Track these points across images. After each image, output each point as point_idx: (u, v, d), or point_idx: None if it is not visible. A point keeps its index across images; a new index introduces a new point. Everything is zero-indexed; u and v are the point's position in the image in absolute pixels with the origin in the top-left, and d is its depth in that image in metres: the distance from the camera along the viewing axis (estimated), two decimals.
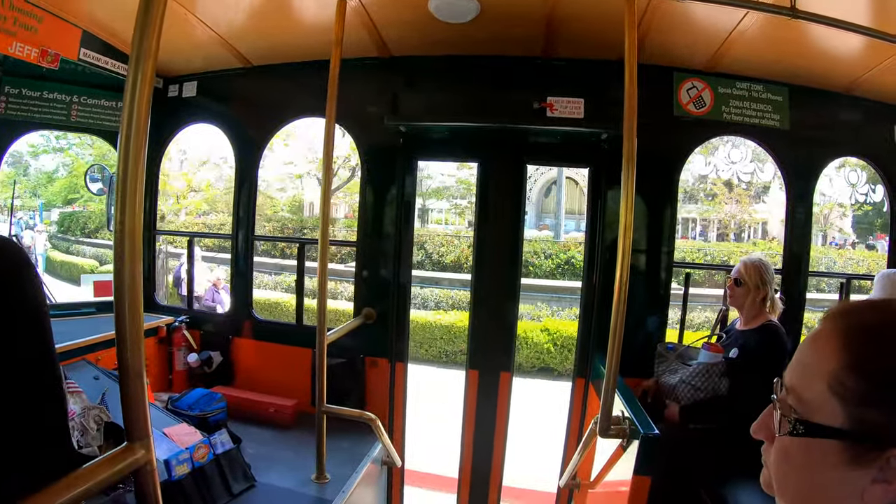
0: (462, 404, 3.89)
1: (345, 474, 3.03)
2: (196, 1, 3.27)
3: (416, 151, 3.83)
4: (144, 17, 1.25)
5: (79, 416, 2.62)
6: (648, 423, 2.46)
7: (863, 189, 12.21)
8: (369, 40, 3.49)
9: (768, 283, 3.13)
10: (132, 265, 1.23)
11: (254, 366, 4.05)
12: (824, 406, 0.71)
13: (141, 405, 1.27)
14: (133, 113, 1.23)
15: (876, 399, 0.67)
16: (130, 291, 1.23)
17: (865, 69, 3.38)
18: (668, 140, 3.59)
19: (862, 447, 0.68)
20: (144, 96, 1.24)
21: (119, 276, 1.23)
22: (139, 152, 1.23)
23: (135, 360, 1.25)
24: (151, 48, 1.25)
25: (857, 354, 0.70)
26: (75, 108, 4.12)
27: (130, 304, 1.23)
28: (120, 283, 1.23)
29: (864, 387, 0.68)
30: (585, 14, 3.10)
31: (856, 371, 0.69)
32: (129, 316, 1.23)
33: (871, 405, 0.68)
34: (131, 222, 1.23)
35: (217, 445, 2.79)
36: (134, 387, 1.26)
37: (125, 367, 1.25)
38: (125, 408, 1.26)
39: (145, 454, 1.27)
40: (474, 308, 3.87)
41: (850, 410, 0.69)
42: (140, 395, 1.27)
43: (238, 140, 4.15)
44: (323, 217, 2.78)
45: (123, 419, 1.27)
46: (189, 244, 4.56)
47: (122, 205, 1.22)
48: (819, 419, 0.72)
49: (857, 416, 0.68)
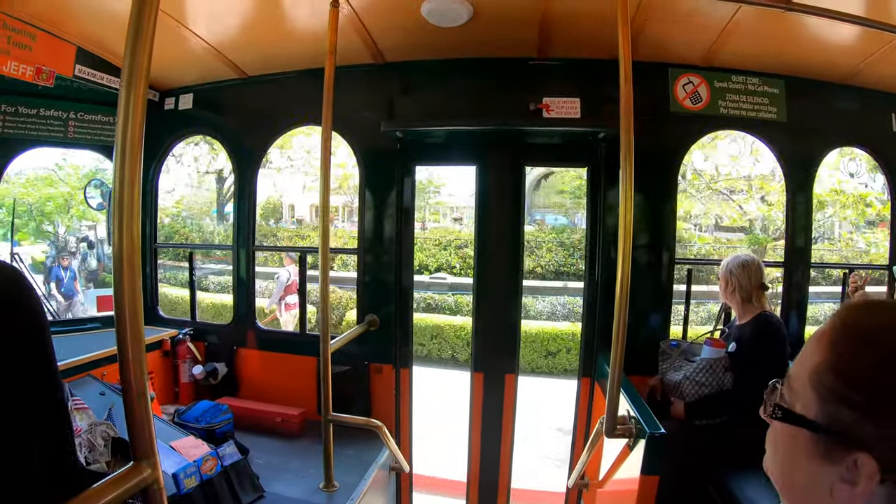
0: (468, 407, 3.88)
1: (353, 482, 3.03)
2: (188, 13, 3.28)
3: (413, 156, 3.82)
4: (136, 30, 1.25)
5: (86, 432, 2.61)
6: (654, 422, 2.46)
7: (862, 179, 12.14)
8: (363, 47, 3.49)
9: (752, 280, 3.15)
10: (132, 283, 1.23)
11: (259, 376, 4.05)
12: (804, 397, 0.74)
13: (146, 424, 1.27)
14: (127, 128, 1.23)
15: (847, 399, 0.69)
16: (131, 310, 1.23)
17: (861, 59, 3.38)
18: (666, 136, 3.58)
19: (832, 444, 0.70)
20: (138, 111, 1.24)
21: (119, 295, 1.23)
22: (135, 168, 1.23)
23: (137, 379, 1.25)
24: (143, 62, 1.25)
25: (837, 353, 0.72)
26: (72, 124, 4.13)
27: (131, 323, 1.23)
28: (120, 302, 1.23)
29: (838, 385, 0.70)
30: (579, 13, 3.09)
31: (833, 369, 0.71)
32: (131, 335, 1.23)
33: (842, 404, 0.69)
34: (129, 238, 1.22)
35: (225, 457, 2.79)
36: (138, 406, 1.26)
37: (128, 386, 1.24)
38: (130, 427, 1.26)
39: (152, 472, 1.27)
40: (477, 310, 3.87)
41: (824, 406, 0.71)
42: (144, 414, 1.27)
43: (236, 151, 4.15)
44: (323, 226, 2.78)
45: (129, 438, 1.26)
46: (189, 257, 4.56)
47: (119, 221, 1.22)
48: (798, 409, 0.75)
49: (830, 413, 0.70)
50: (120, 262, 1.22)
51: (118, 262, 1.22)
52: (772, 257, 12.49)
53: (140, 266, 1.27)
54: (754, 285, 3.13)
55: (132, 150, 1.23)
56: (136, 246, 1.24)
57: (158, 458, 1.30)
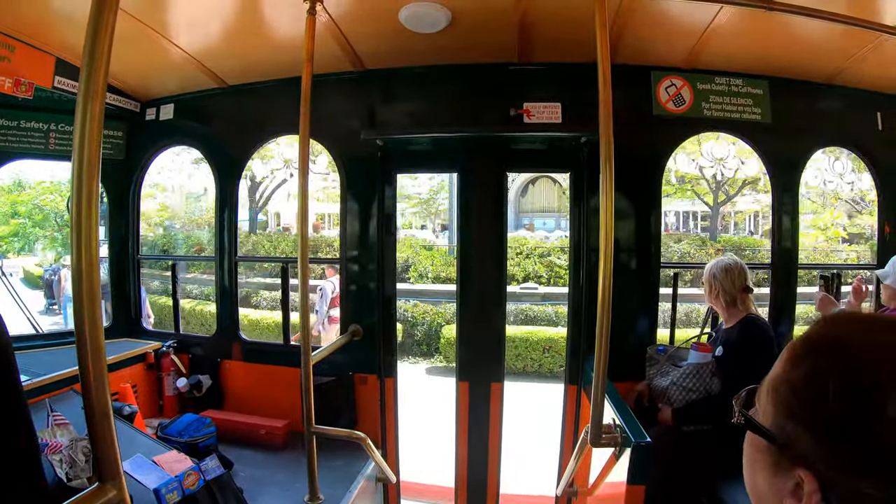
0: (454, 417, 3.85)
1: (338, 494, 3.00)
2: (167, 23, 3.26)
3: (394, 164, 3.79)
4: (91, 45, 1.22)
5: (66, 448, 2.59)
6: (640, 430, 2.43)
7: (848, 178, 12.10)
8: (342, 54, 3.47)
9: (735, 284, 3.13)
10: (91, 300, 1.19)
11: (244, 388, 4.02)
12: (764, 406, 0.74)
13: (110, 444, 1.24)
14: (84, 142, 1.19)
15: (793, 413, 0.68)
16: (91, 327, 1.20)
17: (845, 58, 3.36)
18: (649, 140, 3.57)
19: (780, 456, 0.69)
20: (95, 124, 1.20)
21: (78, 312, 1.19)
22: (92, 182, 1.19)
23: (100, 398, 1.22)
24: (101, 74, 1.22)
25: (792, 364, 0.71)
26: (53, 136, 4.07)
27: (92, 341, 1.20)
28: (79, 319, 1.19)
29: (788, 397, 0.70)
30: (558, 17, 3.08)
31: (787, 381, 0.71)
32: (91, 353, 1.20)
33: (790, 417, 0.69)
34: (87, 254, 1.18)
35: (207, 471, 2.74)
36: (101, 427, 1.23)
37: (90, 408, 1.21)
38: (94, 447, 1.24)
39: (117, 494, 1.24)
40: (461, 319, 3.84)
41: (777, 417, 0.71)
42: (108, 435, 1.24)
43: (217, 161, 4.13)
44: (301, 236, 2.75)
45: (94, 458, 1.25)
46: (172, 268, 4.52)
47: (77, 236, 1.18)
48: (759, 417, 0.74)
49: (780, 424, 0.70)
50: (78, 279, 1.19)
51: (76, 278, 1.19)
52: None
53: (99, 285, 1.23)
54: (738, 289, 3.11)
55: (89, 164, 1.19)
56: (95, 262, 1.21)
57: (124, 479, 1.27)
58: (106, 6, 1.23)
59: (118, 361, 3.79)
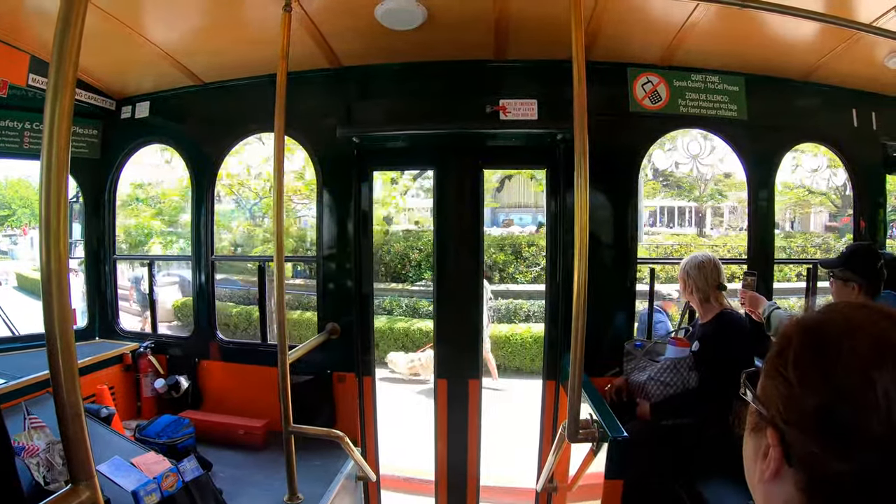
0: (433, 414, 3.85)
1: (318, 493, 2.99)
2: (141, 19, 3.21)
3: (370, 161, 3.78)
4: (60, 43, 1.19)
5: (43, 451, 2.56)
6: (616, 425, 2.44)
7: (824, 174, 12.25)
8: (319, 51, 3.44)
9: (708, 281, 3.15)
10: (60, 300, 1.18)
11: (222, 388, 3.98)
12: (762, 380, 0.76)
13: (82, 445, 1.23)
14: (52, 140, 1.18)
15: (768, 371, 0.72)
16: (61, 328, 1.18)
17: (821, 55, 3.39)
18: (626, 136, 3.58)
19: (760, 419, 0.72)
20: (64, 122, 1.19)
21: (48, 313, 1.18)
22: (61, 182, 1.18)
23: (72, 400, 1.20)
24: (70, 71, 1.20)
25: (787, 340, 0.73)
26: (27, 134, 4.02)
27: (62, 342, 1.18)
28: (49, 320, 1.18)
29: (775, 361, 0.72)
30: (534, 14, 3.07)
31: (779, 354, 0.72)
32: (62, 354, 1.19)
33: (766, 377, 0.72)
34: (56, 255, 1.17)
35: (185, 473, 2.72)
36: (73, 427, 1.21)
37: (62, 408, 1.20)
38: (66, 449, 1.22)
39: (91, 495, 1.24)
40: (438, 316, 3.84)
41: (764, 379, 0.73)
42: (80, 435, 1.22)
43: (193, 159, 4.09)
44: (277, 235, 2.72)
45: (66, 460, 1.23)
46: (149, 267, 4.48)
47: (45, 237, 1.16)
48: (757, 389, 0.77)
49: (762, 385, 0.73)
50: (48, 280, 1.17)
51: (46, 279, 1.17)
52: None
53: (67, 284, 1.22)
54: (711, 285, 3.14)
55: (58, 163, 1.17)
56: (64, 263, 1.19)
57: (97, 480, 1.26)
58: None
59: (95, 363, 3.75)
